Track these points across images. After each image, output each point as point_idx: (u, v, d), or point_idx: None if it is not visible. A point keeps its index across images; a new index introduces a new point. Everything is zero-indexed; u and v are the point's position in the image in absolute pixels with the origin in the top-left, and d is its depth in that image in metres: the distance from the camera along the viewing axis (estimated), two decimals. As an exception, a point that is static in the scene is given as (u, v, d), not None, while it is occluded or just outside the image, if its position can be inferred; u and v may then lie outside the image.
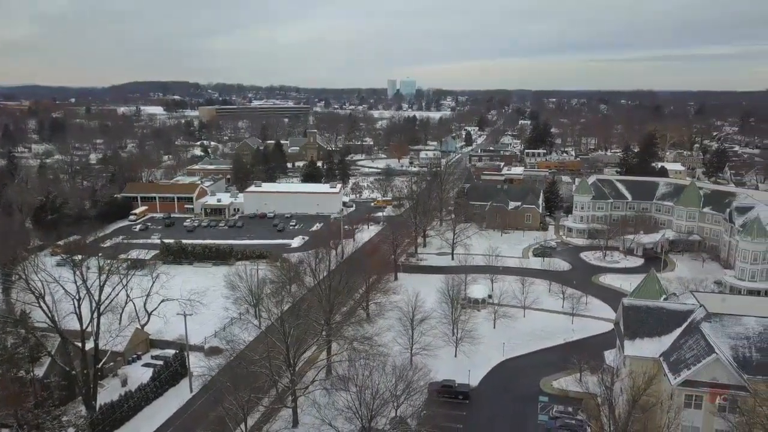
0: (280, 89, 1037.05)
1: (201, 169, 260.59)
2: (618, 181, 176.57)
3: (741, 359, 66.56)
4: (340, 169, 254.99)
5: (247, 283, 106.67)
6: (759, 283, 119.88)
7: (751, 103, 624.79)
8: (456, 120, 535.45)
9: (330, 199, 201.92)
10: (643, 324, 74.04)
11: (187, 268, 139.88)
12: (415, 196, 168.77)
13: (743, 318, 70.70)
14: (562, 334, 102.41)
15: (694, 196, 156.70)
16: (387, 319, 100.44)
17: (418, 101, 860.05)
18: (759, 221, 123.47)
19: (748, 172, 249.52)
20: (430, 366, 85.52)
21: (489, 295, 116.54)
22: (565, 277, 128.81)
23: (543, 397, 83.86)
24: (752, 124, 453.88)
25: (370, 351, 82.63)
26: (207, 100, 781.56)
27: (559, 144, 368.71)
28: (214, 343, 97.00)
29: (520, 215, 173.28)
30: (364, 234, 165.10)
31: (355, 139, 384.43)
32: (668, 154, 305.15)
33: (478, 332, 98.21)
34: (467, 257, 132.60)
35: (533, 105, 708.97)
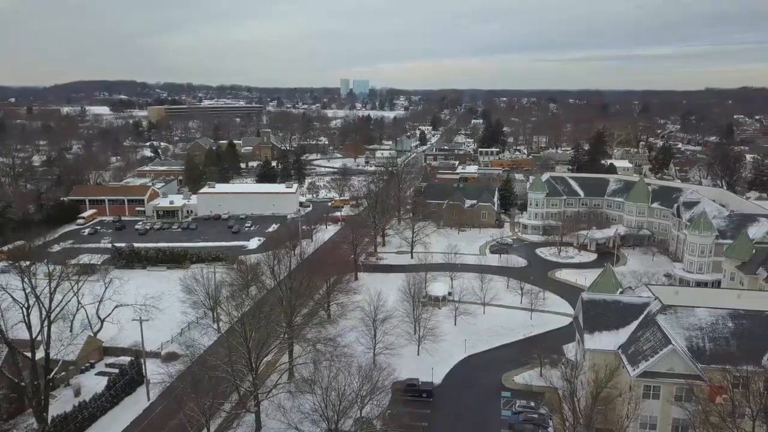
0: (231, 88, 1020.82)
1: (152, 170, 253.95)
2: (571, 179, 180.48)
3: (695, 349, 68.84)
4: (295, 169, 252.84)
5: (204, 286, 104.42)
6: (706, 275, 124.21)
7: (691, 102, 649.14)
8: (410, 119, 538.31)
9: (286, 200, 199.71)
10: (602, 317, 75.79)
11: (140, 272, 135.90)
12: (373, 196, 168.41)
13: (696, 309, 73.21)
14: (522, 330, 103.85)
15: (643, 193, 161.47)
16: (349, 319, 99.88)
17: (372, 101, 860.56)
18: (705, 215, 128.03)
19: (691, 169, 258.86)
20: (394, 365, 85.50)
21: (449, 293, 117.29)
22: (523, 273, 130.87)
23: (505, 393, 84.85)
24: (693, 122, 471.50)
25: (334, 352, 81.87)
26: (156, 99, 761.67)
27: (512, 143, 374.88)
28: (171, 348, 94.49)
29: (476, 213, 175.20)
30: (323, 234, 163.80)
31: (310, 139, 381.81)
32: (616, 151, 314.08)
33: (440, 330, 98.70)
34: (426, 255, 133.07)
35: (485, 104, 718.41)
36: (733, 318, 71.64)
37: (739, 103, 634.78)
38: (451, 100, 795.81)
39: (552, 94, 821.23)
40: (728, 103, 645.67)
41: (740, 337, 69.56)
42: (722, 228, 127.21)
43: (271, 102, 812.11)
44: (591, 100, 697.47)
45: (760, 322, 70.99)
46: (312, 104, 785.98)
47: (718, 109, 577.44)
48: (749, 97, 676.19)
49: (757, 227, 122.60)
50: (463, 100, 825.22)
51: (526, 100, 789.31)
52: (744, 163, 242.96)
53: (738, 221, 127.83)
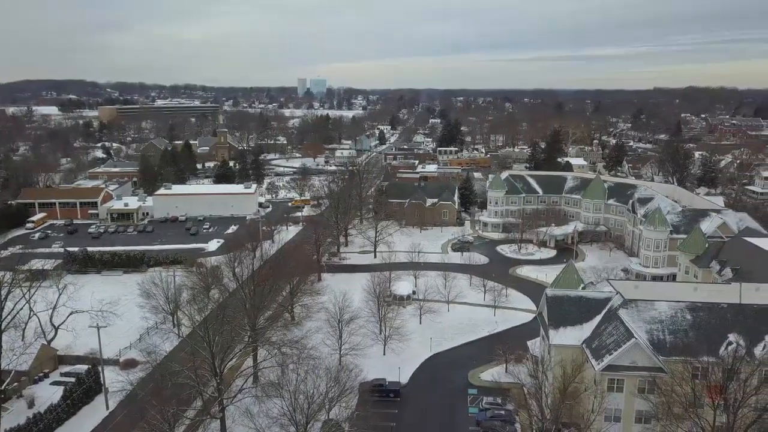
0: (185, 88, 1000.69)
1: (104, 172, 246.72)
2: (529, 177, 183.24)
3: (656, 342, 70.43)
4: (254, 169, 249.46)
5: (163, 290, 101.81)
6: (662, 269, 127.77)
7: (641, 101, 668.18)
8: (368, 119, 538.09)
9: (245, 200, 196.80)
10: (566, 313, 76.82)
11: (95, 277, 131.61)
12: (334, 195, 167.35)
13: (656, 303, 74.90)
14: (486, 327, 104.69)
15: (600, 189, 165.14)
16: (314, 321, 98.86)
17: (330, 100, 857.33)
18: (660, 211, 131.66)
19: (644, 166, 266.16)
20: (361, 366, 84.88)
21: (414, 291, 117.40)
22: (484, 270, 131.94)
23: (472, 390, 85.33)
24: (643, 121, 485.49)
25: (300, 355, 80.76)
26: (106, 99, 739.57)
27: (470, 142, 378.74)
28: (130, 355, 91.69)
29: (437, 211, 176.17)
30: (284, 235, 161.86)
31: (268, 138, 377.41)
32: (571, 149, 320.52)
33: (406, 329, 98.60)
34: (390, 255, 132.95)
35: (442, 104, 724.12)
36: (691, 310, 73.61)
37: (686, 102, 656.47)
38: (409, 100, 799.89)
39: (507, 94, 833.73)
40: (676, 102, 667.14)
41: (698, 328, 71.51)
42: (676, 223, 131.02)
43: (227, 101, 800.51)
44: (545, 99, 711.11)
45: (717, 314, 73.11)
46: (269, 104, 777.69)
47: (666, 108, 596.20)
48: (695, 97, 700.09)
49: (709, 222, 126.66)
50: (420, 100, 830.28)
51: (482, 100, 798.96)
52: (693, 160, 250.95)
53: (690, 216, 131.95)
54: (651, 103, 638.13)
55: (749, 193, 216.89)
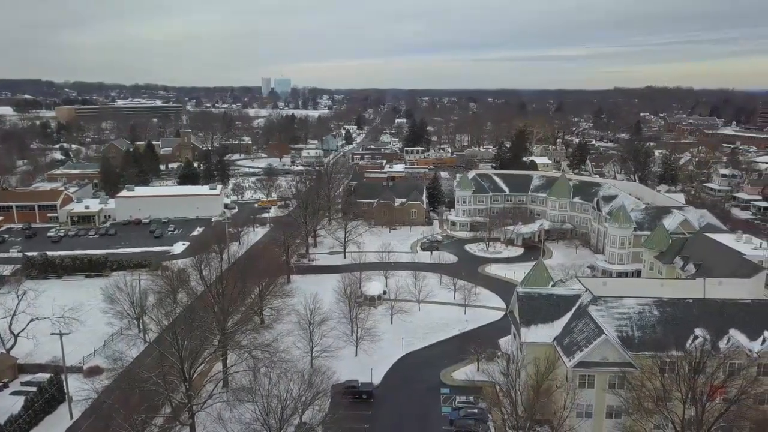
0: (146, 88, 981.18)
1: (64, 174, 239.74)
2: (496, 176, 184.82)
3: (625, 338, 71.68)
4: (218, 170, 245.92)
5: (128, 295, 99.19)
6: (627, 265, 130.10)
7: (602, 100, 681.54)
8: (334, 118, 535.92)
9: (210, 202, 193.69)
10: (537, 311, 77.52)
11: (56, 282, 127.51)
12: (302, 196, 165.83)
13: (624, 299, 76.27)
14: (457, 325, 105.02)
15: (565, 188, 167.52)
16: (285, 323, 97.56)
17: (294, 100, 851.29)
18: (624, 208, 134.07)
19: (606, 164, 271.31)
20: (333, 367, 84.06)
21: (384, 291, 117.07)
22: (454, 269, 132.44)
23: (444, 389, 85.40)
24: (604, 120, 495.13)
25: (272, 358, 79.58)
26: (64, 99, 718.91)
27: (436, 141, 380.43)
28: (95, 362, 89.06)
29: (405, 211, 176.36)
30: (251, 236, 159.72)
31: (233, 139, 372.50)
32: (535, 149, 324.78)
33: (377, 329, 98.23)
34: (360, 255, 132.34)
35: (407, 104, 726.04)
36: (658, 306, 75.15)
37: (645, 101, 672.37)
38: (374, 100, 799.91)
39: (471, 94, 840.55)
40: (635, 102, 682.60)
41: (665, 323, 73.06)
42: (639, 220, 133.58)
43: (189, 101, 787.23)
44: (509, 99, 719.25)
45: (683, 309, 74.81)
46: (232, 103, 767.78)
47: (626, 107, 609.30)
48: (653, 96, 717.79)
49: (671, 219, 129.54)
50: (386, 100, 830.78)
51: (447, 100, 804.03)
52: (653, 159, 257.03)
53: (654, 213, 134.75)
54: (611, 102, 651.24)
55: (707, 190, 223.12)
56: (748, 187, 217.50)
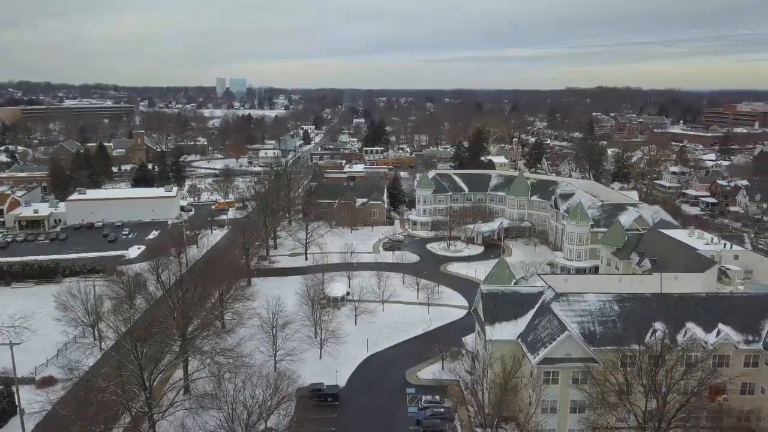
0: (96, 87, 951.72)
1: (10, 177, 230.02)
2: (455, 175, 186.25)
3: (587, 333, 72.91)
4: (174, 171, 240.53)
5: (82, 301, 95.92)
6: (585, 262, 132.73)
7: (555, 100, 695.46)
8: (292, 118, 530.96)
9: (166, 204, 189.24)
10: (501, 308, 78.18)
11: (4, 290, 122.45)
12: (261, 197, 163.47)
13: (585, 295, 77.62)
14: (421, 325, 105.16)
15: (523, 186, 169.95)
16: (247, 327, 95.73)
17: (250, 100, 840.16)
18: (581, 206, 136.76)
19: (561, 163, 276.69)
20: (297, 371, 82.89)
21: (348, 292, 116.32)
22: (416, 268, 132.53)
23: (410, 389, 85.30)
24: (558, 120, 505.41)
25: (235, 363, 77.97)
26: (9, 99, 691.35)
27: (394, 141, 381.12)
28: (48, 372, 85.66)
29: (367, 211, 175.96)
30: (209, 239, 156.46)
31: (188, 140, 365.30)
32: (492, 148, 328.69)
33: (342, 331, 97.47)
34: (322, 256, 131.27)
35: (365, 103, 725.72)
36: (618, 301, 76.76)
37: (596, 101, 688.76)
38: (332, 100, 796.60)
39: (428, 94, 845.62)
40: (587, 102, 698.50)
41: (625, 318, 74.68)
42: (596, 217, 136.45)
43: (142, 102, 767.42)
44: (465, 99, 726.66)
45: (641, 304, 76.60)
46: (186, 104, 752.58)
47: (578, 107, 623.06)
48: (604, 96, 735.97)
49: (626, 215, 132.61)
50: (343, 100, 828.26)
51: (404, 100, 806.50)
52: (606, 157, 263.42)
53: (610, 210, 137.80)
54: (564, 102, 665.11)
55: (658, 187, 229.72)
56: (696, 184, 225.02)
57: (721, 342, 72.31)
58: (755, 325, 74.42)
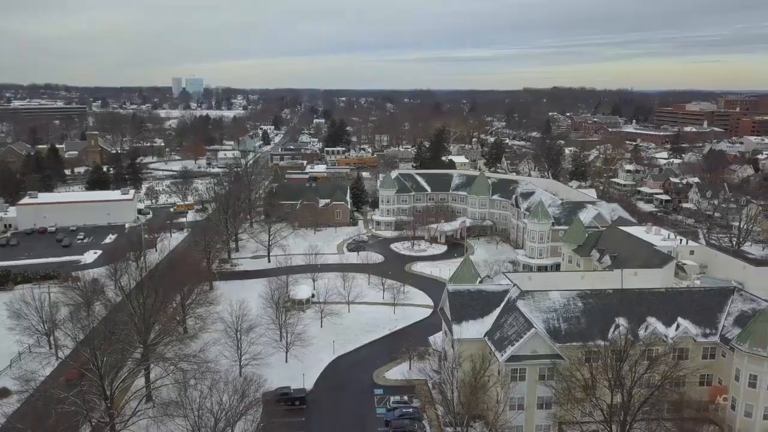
0: (45, 88, 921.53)
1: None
2: (418, 175, 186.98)
3: (552, 330, 73.90)
4: (130, 174, 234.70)
5: (37, 309, 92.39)
6: (546, 259, 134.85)
7: (512, 100, 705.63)
8: (251, 119, 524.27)
9: (123, 207, 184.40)
10: (467, 307, 78.60)
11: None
12: (221, 199, 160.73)
13: (550, 293, 78.64)
14: (387, 325, 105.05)
15: (484, 186, 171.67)
16: (211, 332, 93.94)
17: (208, 100, 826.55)
18: (542, 204, 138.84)
19: (521, 162, 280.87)
20: (264, 375, 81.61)
21: (313, 294, 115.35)
22: (381, 268, 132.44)
23: (378, 390, 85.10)
24: (516, 119, 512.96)
25: (200, 369, 76.31)
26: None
27: (356, 141, 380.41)
28: (1, 384, 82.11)
29: (330, 212, 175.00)
30: (168, 242, 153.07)
31: (144, 141, 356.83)
32: (453, 148, 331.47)
33: (307, 333, 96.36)
34: (286, 258, 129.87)
35: (325, 104, 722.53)
36: (581, 298, 78.06)
37: (552, 101, 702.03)
38: (291, 100, 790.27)
39: (387, 94, 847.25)
40: (543, 102, 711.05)
41: (589, 314, 75.98)
42: (557, 215, 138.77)
43: (94, 102, 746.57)
44: (424, 99, 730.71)
45: (604, 300, 78.07)
46: (141, 104, 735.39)
47: (535, 107, 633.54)
48: (559, 96, 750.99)
49: (586, 213, 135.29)
50: (302, 100, 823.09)
51: (364, 100, 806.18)
52: (564, 156, 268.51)
53: (570, 208, 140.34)
54: (521, 102, 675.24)
55: (615, 185, 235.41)
56: (650, 181, 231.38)
57: (681, 335, 74.32)
58: (712, 319, 76.77)
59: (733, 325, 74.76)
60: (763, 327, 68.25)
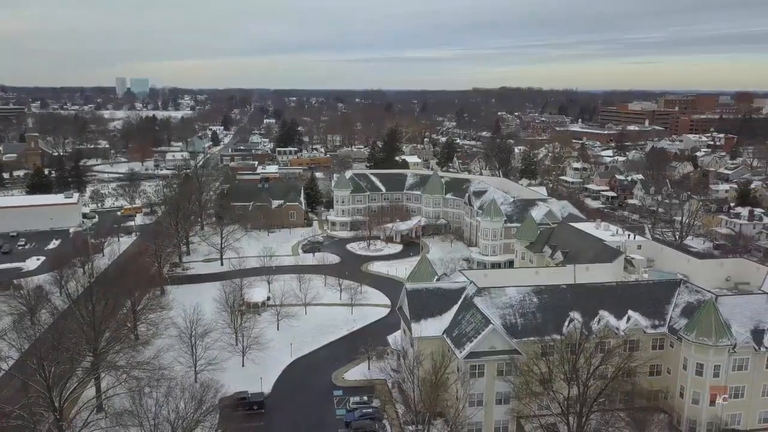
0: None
1: None
2: (372, 175, 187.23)
3: (509, 326, 75.07)
4: (73, 177, 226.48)
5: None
6: (499, 256, 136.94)
7: (462, 100, 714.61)
8: (199, 119, 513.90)
9: (67, 211, 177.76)
10: (426, 305, 78.99)
11: None
12: (171, 201, 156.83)
13: (506, 289, 79.93)
14: (345, 326, 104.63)
15: (438, 185, 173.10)
16: (164, 338, 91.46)
17: (154, 100, 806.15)
18: (495, 203, 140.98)
19: (472, 161, 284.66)
20: (220, 380, 79.78)
21: (268, 297, 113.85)
22: (338, 269, 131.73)
23: (337, 391, 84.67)
24: (466, 119, 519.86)
25: (154, 376, 74.18)
26: None
27: (308, 142, 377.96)
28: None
29: (284, 213, 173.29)
30: (116, 246, 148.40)
31: (88, 143, 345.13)
32: (405, 148, 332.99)
33: (264, 337, 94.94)
34: (240, 261, 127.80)
35: (275, 104, 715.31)
36: (536, 293, 79.61)
37: (501, 101, 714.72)
38: (240, 100, 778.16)
39: (338, 94, 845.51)
40: (492, 102, 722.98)
41: (544, 309, 77.56)
42: (509, 213, 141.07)
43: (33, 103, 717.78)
44: (375, 99, 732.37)
45: (558, 295, 79.87)
46: (84, 105, 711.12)
47: (484, 107, 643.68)
48: (508, 96, 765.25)
49: (537, 210, 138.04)
50: (252, 100, 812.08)
51: (314, 100, 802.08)
52: (514, 155, 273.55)
53: (521, 206, 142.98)
54: (471, 102, 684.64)
55: (563, 182, 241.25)
56: (597, 179, 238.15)
57: (632, 328, 76.63)
58: (660, 310, 79.45)
59: (680, 316, 77.51)
60: (708, 317, 71.09)
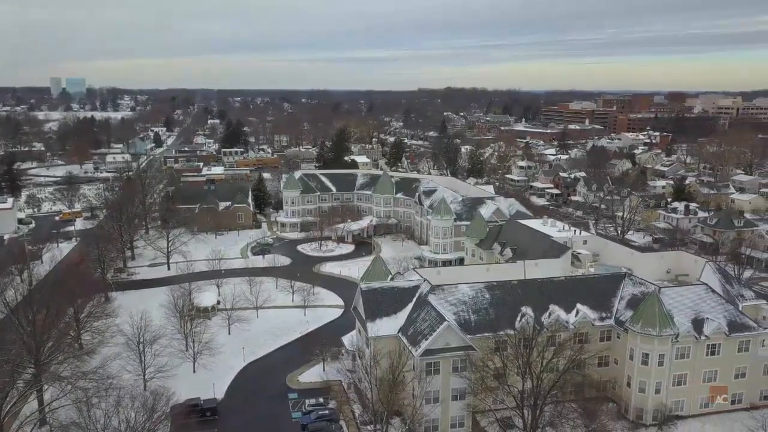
0: None
1: None
2: (322, 175, 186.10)
3: (463, 322, 76.04)
4: (7, 181, 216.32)
5: None
6: (450, 254, 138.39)
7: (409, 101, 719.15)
8: (140, 120, 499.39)
9: (1, 217, 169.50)
10: (381, 304, 79.05)
11: None
12: (113, 205, 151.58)
13: (459, 286, 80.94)
14: (298, 328, 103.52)
15: (388, 185, 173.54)
16: (111, 346, 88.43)
17: (91, 101, 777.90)
18: (444, 201, 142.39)
19: (420, 161, 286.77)
20: (171, 388, 77.81)
21: (218, 301, 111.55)
22: (289, 271, 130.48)
23: (292, 394, 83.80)
24: (413, 119, 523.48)
25: (101, 386, 71.49)
26: None
27: (254, 142, 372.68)
28: None
29: (231, 215, 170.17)
30: (56, 253, 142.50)
31: (21, 145, 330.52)
32: (354, 148, 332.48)
33: (215, 342, 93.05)
34: (187, 265, 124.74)
35: (219, 104, 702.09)
36: (489, 290, 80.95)
37: (446, 101, 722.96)
38: (183, 100, 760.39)
39: (284, 94, 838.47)
40: (437, 102, 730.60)
41: (496, 305, 78.93)
42: (458, 211, 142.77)
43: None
44: (321, 99, 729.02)
45: (509, 291, 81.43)
46: (16, 105, 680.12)
47: (430, 107, 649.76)
48: (453, 96, 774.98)
49: (486, 208, 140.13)
50: (195, 100, 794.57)
51: (260, 100, 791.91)
52: (461, 154, 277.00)
53: (470, 204, 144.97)
54: (417, 102, 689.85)
55: (509, 181, 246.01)
56: (542, 177, 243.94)
57: (581, 321, 78.77)
58: (607, 303, 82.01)
59: (625, 308, 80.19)
60: (653, 308, 73.84)
